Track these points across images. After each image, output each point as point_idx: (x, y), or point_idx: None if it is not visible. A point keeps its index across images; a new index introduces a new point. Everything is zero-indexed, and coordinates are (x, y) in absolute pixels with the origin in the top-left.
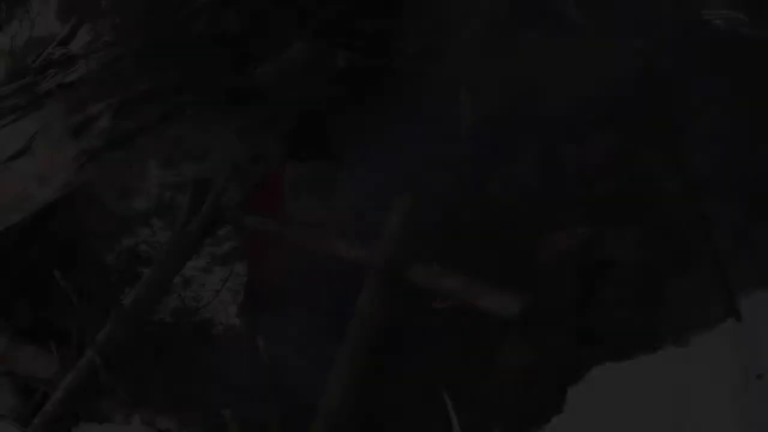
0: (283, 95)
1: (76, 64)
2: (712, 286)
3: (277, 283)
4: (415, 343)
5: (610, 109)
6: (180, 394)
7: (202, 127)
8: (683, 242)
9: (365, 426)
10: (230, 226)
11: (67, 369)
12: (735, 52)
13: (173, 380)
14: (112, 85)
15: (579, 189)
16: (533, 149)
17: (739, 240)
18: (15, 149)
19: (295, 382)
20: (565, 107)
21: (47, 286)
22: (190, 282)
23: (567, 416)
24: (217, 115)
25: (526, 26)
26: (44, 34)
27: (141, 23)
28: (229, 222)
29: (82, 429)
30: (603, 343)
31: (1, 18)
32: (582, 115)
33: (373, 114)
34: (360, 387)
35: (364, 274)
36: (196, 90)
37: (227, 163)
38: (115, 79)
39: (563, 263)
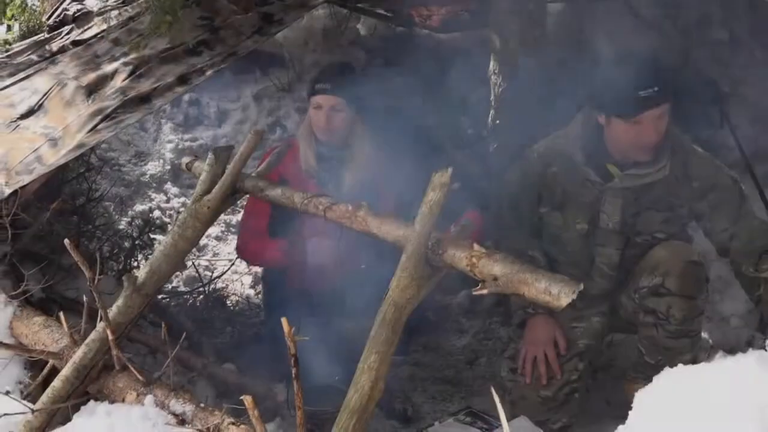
0: (301, 60)
1: (92, 21)
2: None
3: (299, 259)
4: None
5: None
6: (197, 374)
7: (219, 92)
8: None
9: (392, 408)
10: (252, 195)
11: (76, 343)
12: None
13: (189, 357)
14: (129, 44)
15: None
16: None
17: None
18: (27, 107)
19: (318, 365)
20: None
21: (58, 253)
22: (204, 250)
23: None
24: (234, 80)
25: None
26: None
27: None
28: (252, 192)
29: (92, 408)
30: (634, 332)
31: None
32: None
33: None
34: (388, 370)
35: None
36: (216, 51)
37: (245, 128)
38: (132, 37)
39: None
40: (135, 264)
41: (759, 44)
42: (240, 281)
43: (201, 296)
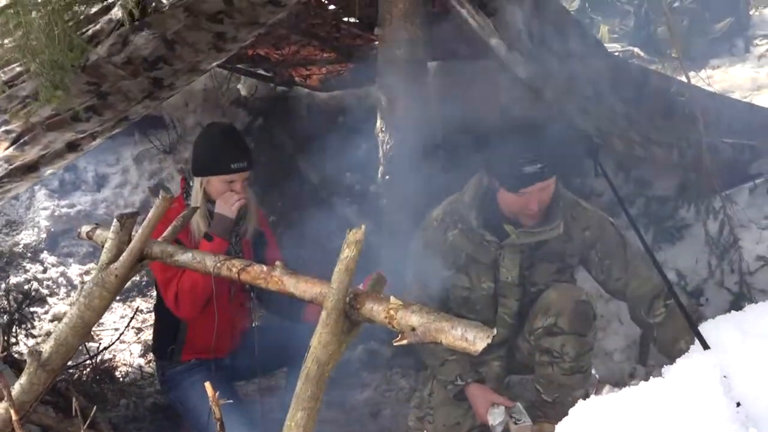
0: (182, 121)
1: None
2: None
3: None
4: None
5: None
6: None
7: (96, 155)
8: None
9: None
10: (160, 262)
11: None
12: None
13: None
14: (10, 111)
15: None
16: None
17: None
18: None
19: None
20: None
21: None
22: None
23: None
24: (112, 143)
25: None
26: None
27: (43, 43)
28: (161, 258)
29: None
30: (528, 373)
31: None
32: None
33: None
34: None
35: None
36: (105, 116)
37: (126, 191)
38: (12, 104)
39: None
40: (15, 340)
41: (619, 98)
42: (128, 350)
43: (88, 369)
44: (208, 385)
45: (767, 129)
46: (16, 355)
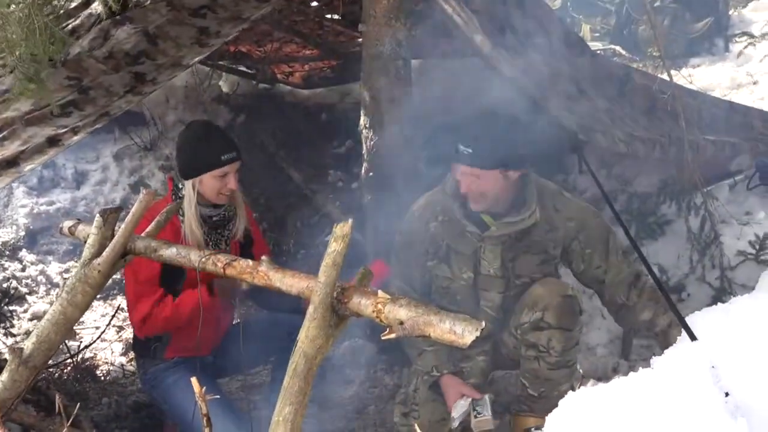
0: (163, 118)
1: None
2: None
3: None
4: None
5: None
6: None
7: (76, 152)
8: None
9: None
10: (144, 257)
11: None
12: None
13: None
14: None
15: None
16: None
17: None
18: None
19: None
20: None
21: None
22: None
23: None
24: (92, 140)
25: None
26: None
27: (21, 36)
28: (144, 253)
29: None
30: (514, 368)
31: None
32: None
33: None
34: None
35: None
36: (86, 111)
37: (106, 189)
38: None
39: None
40: None
41: (601, 95)
42: (110, 349)
43: (69, 367)
44: (194, 381)
45: (746, 126)
46: None
